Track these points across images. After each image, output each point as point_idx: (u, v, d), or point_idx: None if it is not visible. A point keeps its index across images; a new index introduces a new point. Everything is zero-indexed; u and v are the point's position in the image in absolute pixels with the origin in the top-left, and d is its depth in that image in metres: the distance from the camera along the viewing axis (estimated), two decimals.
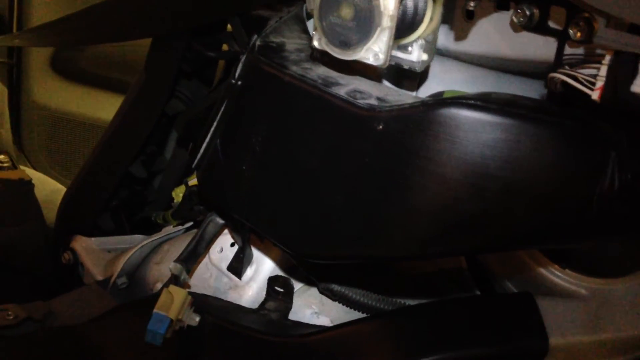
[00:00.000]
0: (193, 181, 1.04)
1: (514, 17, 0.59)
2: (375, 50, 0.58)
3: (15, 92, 1.88)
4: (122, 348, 0.81)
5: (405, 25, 0.62)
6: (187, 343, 0.77)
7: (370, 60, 0.58)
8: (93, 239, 1.15)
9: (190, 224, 1.07)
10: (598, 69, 0.52)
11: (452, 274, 0.88)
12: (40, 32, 1.19)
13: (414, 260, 0.88)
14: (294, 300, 0.83)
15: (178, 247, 0.98)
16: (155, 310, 0.73)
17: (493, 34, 0.65)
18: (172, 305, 0.74)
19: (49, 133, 1.90)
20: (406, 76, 0.76)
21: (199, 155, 0.78)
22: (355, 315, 0.83)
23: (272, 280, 0.84)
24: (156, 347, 0.73)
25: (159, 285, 0.98)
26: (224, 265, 0.89)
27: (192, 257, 0.83)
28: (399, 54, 0.65)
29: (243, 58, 0.75)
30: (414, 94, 0.77)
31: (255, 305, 0.84)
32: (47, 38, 1.20)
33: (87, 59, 1.85)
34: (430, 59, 0.66)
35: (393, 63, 0.66)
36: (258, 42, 0.73)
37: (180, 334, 0.76)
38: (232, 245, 0.91)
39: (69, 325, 0.89)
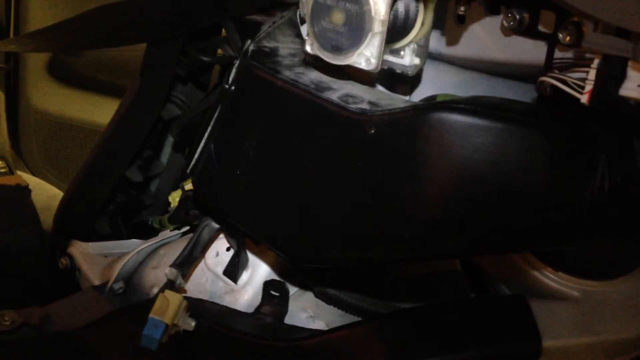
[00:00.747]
0: (189, 185, 1.04)
1: (504, 21, 0.59)
2: (367, 55, 0.58)
3: (13, 97, 1.88)
4: (118, 353, 0.81)
5: (396, 30, 0.62)
6: (183, 348, 0.77)
7: (362, 64, 0.59)
8: (90, 243, 1.15)
9: (187, 228, 1.07)
10: (587, 72, 0.52)
11: (447, 277, 0.88)
12: (37, 38, 1.20)
13: (408, 263, 0.88)
14: (289, 304, 0.84)
15: (174, 252, 0.98)
16: (150, 315, 0.74)
17: (484, 38, 0.65)
18: (168, 310, 0.75)
19: (46, 138, 1.90)
20: (399, 80, 0.76)
21: (193, 160, 0.78)
22: (351, 318, 0.83)
23: (268, 285, 0.84)
24: (152, 351, 0.73)
25: (155, 290, 0.98)
26: (220, 269, 0.89)
27: (187, 261, 0.84)
28: (391, 58, 0.66)
29: (236, 63, 0.76)
30: (407, 97, 0.77)
31: (251, 310, 0.84)
32: (43, 43, 1.20)
33: (83, 64, 1.85)
34: (423, 63, 0.66)
35: (385, 67, 0.66)
36: (251, 47, 0.73)
37: (176, 339, 0.76)
38: (228, 249, 0.91)
39: (66, 330, 0.89)
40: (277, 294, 0.83)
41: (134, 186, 1.19)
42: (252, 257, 0.89)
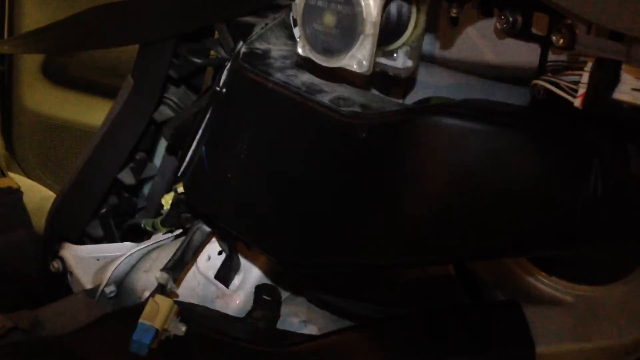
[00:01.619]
0: (182, 188, 1.04)
1: (497, 24, 0.59)
2: (358, 58, 0.57)
3: (6, 98, 1.87)
4: (108, 358, 0.81)
5: (389, 32, 0.61)
6: (173, 353, 0.77)
7: (354, 67, 0.58)
8: (82, 246, 1.14)
9: (180, 231, 1.06)
10: (581, 75, 0.52)
11: (441, 282, 0.87)
12: (31, 39, 1.19)
13: (402, 268, 0.87)
14: (281, 309, 0.83)
15: (167, 255, 0.97)
16: (140, 320, 0.73)
17: (477, 41, 0.65)
18: (158, 314, 0.74)
19: (40, 139, 1.89)
20: (392, 82, 0.76)
21: (184, 163, 0.78)
22: (343, 323, 0.83)
23: (260, 289, 0.83)
24: (142, 357, 0.72)
25: (147, 294, 0.97)
26: (212, 273, 0.88)
27: (178, 265, 0.83)
28: (384, 61, 0.65)
29: (228, 65, 0.75)
30: (400, 100, 0.76)
31: (242, 314, 0.83)
32: (37, 44, 1.20)
33: (78, 65, 1.85)
34: (416, 65, 0.65)
35: (378, 70, 0.65)
36: (243, 49, 0.73)
37: (167, 344, 0.75)
38: (220, 253, 0.90)
39: (56, 335, 0.88)
40: (269, 299, 0.82)
41: (127, 189, 1.18)
42: (244, 261, 0.88)
